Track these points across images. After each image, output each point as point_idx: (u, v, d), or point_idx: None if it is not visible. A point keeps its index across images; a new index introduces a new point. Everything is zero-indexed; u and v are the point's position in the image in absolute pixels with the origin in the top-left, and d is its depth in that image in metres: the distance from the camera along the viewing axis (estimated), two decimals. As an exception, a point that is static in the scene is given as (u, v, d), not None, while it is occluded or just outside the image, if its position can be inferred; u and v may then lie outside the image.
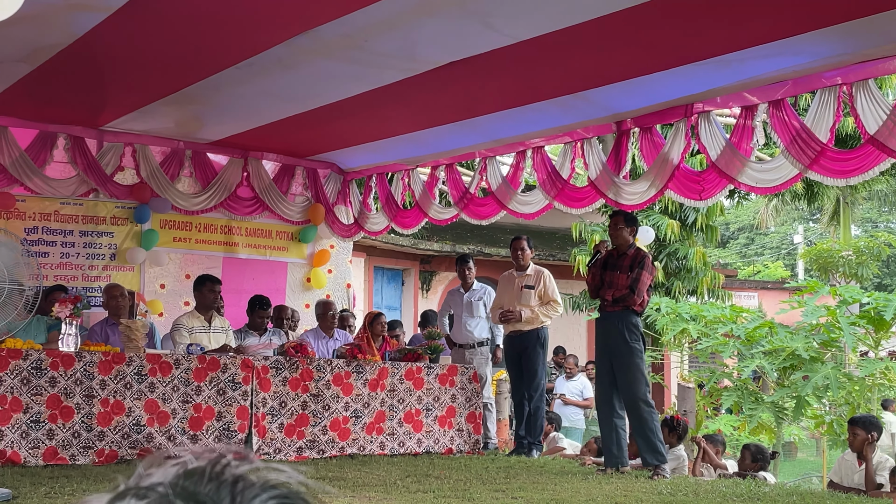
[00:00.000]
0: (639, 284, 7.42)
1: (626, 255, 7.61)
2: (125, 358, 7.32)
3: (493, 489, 6.37)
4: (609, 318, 7.56)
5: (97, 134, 9.65)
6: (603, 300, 7.61)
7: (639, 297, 7.44)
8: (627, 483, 6.79)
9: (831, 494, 6.59)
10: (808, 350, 10.06)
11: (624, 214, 7.82)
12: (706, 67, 7.07)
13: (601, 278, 7.63)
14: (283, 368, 7.97)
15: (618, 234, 7.66)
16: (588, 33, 6.40)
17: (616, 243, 7.70)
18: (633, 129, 8.50)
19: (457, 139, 9.59)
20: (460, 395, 8.92)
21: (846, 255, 20.12)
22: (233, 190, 10.58)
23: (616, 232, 7.67)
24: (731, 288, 19.69)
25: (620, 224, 7.67)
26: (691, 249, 16.09)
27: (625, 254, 7.62)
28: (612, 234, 7.72)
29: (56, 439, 6.95)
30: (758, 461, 8.30)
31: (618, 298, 7.45)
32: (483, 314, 9.50)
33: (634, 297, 7.42)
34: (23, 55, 7.21)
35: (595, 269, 7.71)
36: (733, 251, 41.40)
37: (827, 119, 6.89)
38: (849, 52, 6.58)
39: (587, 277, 7.85)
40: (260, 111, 8.95)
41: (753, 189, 7.88)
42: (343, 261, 11.93)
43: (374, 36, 6.69)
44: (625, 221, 7.69)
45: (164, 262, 10.39)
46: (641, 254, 7.62)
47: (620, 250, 7.67)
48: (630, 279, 7.42)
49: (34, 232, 9.62)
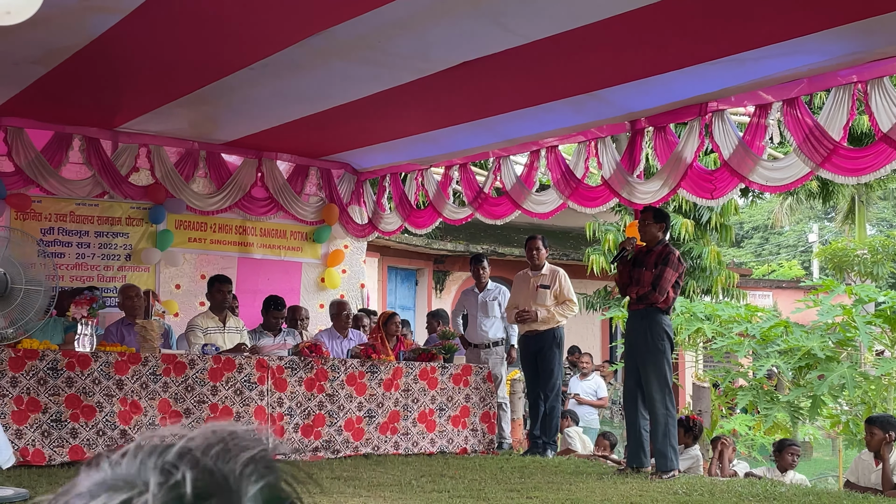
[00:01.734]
0: (661, 281, 7.22)
1: (652, 251, 7.45)
2: (141, 358, 7.35)
3: (508, 489, 6.37)
4: (634, 317, 7.47)
5: (112, 135, 9.68)
6: (630, 298, 7.57)
7: (661, 295, 7.23)
8: (643, 483, 6.78)
9: (848, 494, 6.56)
10: (823, 349, 10.01)
11: (653, 210, 7.66)
12: (721, 66, 7.04)
13: (629, 275, 7.52)
14: (298, 368, 7.99)
15: (646, 229, 7.50)
16: (601, 33, 6.39)
17: (645, 239, 7.54)
18: (647, 128, 8.48)
19: (470, 139, 9.59)
20: (474, 394, 8.92)
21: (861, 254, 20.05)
22: (247, 190, 10.60)
23: (644, 228, 7.51)
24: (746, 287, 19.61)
25: (649, 220, 7.51)
26: (706, 248, 16.03)
27: (651, 250, 7.47)
28: (640, 229, 7.56)
29: (80, 438, 7.00)
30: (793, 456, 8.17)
31: (641, 296, 7.33)
32: (498, 314, 9.50)
33: (657, 294, 7.24)
34: (38, 57, 7.24)
35: (623, 266, 7.60)
36: (748, 250, 41.25)
37: (841, 117, 6.85)
38: (864, 50, 6.55)
39: (615, 276, 7.77)
40: (274, 112, 8.97)
41: (764, 188, 7.84)
42: (357, 261, 11.94)
43: (388, 36, 6.70)
44: (653, 217, 7.52)
45: (179, 262, 10.42)
46: (668, 250, 7.40)
47: (649, 246, 7.51)
48: (654, 276, 7.28)
49: (50, 233, 9.67)
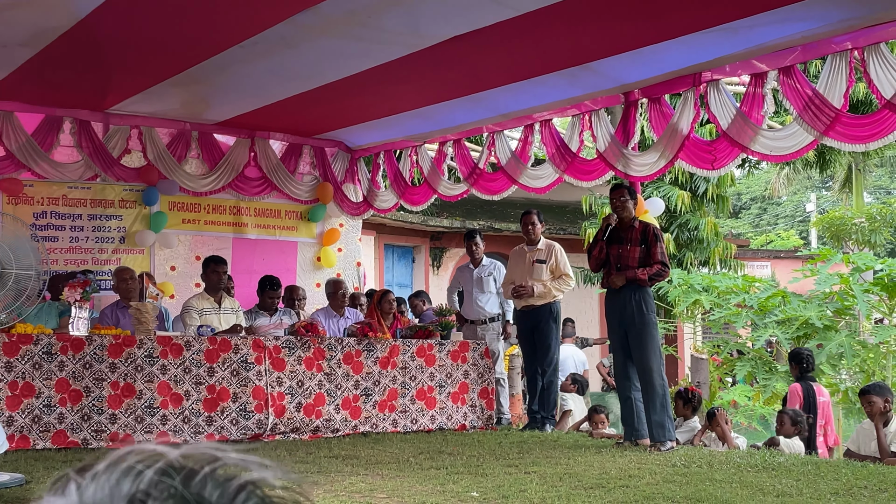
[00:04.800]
0: (665, 258, 7.44)
1: (632, 227, 7.53)
2: (136, 341, 7.32)
3: (507, 464, 6.36)
4: (624, 292, 7.48)
5: (103, 117, 9.61)
6: (617, 273, 7.53)
7: (667, 270, 7.51)
8: (641, 456, 6.77)
9: (847, 463, 6.55)
10: (821, 318, 10.00)
11: (627, 187, 7.77)
12: (713, 35, 6.99)
13: (607, 253, 7.58)
14: (295, 348, 7.96)
15: (624, 206, 7.58)
16: (592, 4, 6.34)
17: (622, 216, 7.60)
18: (640, 99, 8.42)
19: (464, 114, 9.54)
20: (472, 371, 8.90)
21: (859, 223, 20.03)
22: (240, 170, 10.55)
23: (622, 204, 7.57)
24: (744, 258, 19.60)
25: (625, 196, 7.59)
26: (702, 220, 16.01)
27: (631, 226, 7.54)
28: (618, 206, 7.60)
29: (65, 423, 6.97)
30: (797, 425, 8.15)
31: (653, 276, 7.40)
32: (493, 289, 9.48)
33: (667, 270, 7.49)
34: (24, 39, 7.17)
35: (602, 242, 7.64)
36: (746, 221, 41.25)
37: (840, 85, 6.80)
38: (857, 16, 6.49)
39: (594, 251, 7.70)
40: (265, 90, 8.91)
41: (767, 157, 7.80)
42: (353, 239, 11.91)
43: (378, 12, 6.64)
44: (629, 194, 7.65)
45: (173, 244, 10.38)
46: (651, 226, 7.55)
47: (626, 223, 7.59)
48: (658, 254, 7.37)
49: (43, 217, 9.62)
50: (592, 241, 7.91)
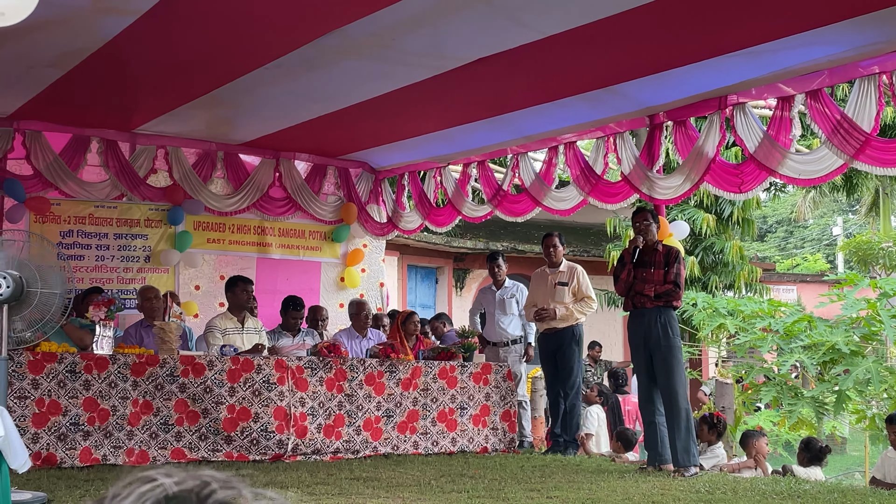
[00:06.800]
0: (680, 279, 7.45)
1: (656, 250, 7.59)
2: (159, 360, 7.34)
3: (529, 488, 6.31)
4: (648, 315, 7.46)
5: (130, 137, 9.70)
6: (639, 296, 7.51)
7: (682, 293, 7.55)
8: (665, 481, 6.71)
9: (873, 491, 6.46)
10: (848, 344, 9.88)
11: (650, 210, 7.85)
12: (738, 59, 6.96)
13: (633, 275, 7.60)
14: (318, 369, 7.96)
15: (647, 229, 7.64)
16: (617, 27, 6.32)
17: (647, 239, 7.65)
18: (665, 122, 8.41)
19: (488, 136, 9.54)
20: (494, 393, 8.86)
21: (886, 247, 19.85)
22: (265, 190, 10.59)
23: (646, 228, 7.64)
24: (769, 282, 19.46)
25: (648, 220, 7.67)
26: (728, 243, 15.92)
27: (655, 249, 7.60)
28: (642, 230, 7.65)
29: (90, 440, 7.01)
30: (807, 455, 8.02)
31: (660, 294, 7.40)
32: (516, 311, 9.45)
33: (680, 292, 7.48)
34: (53, 60, 7.24)
35: (630, 266, 7.63)
36: (772, 244, 40.98)
37: (870, 108, 6.76)
38: (883, 40, 6.45)
39: (622, 274, 7.69)
40: (290, 111, 8.95)
41: (796, 181, 7.76)
42: (376, 259, 11.91)
43: (402, 34, 6.66)
44: (652, 217, 7.73)
45: (198, 263, 10.43)
46: (674, 249, 7.60)
47: (650, 246, 7.63)
48: (672, 275, 7.41)
49: (69, 235, 9.69)
50: (618, 264, 7.89)
